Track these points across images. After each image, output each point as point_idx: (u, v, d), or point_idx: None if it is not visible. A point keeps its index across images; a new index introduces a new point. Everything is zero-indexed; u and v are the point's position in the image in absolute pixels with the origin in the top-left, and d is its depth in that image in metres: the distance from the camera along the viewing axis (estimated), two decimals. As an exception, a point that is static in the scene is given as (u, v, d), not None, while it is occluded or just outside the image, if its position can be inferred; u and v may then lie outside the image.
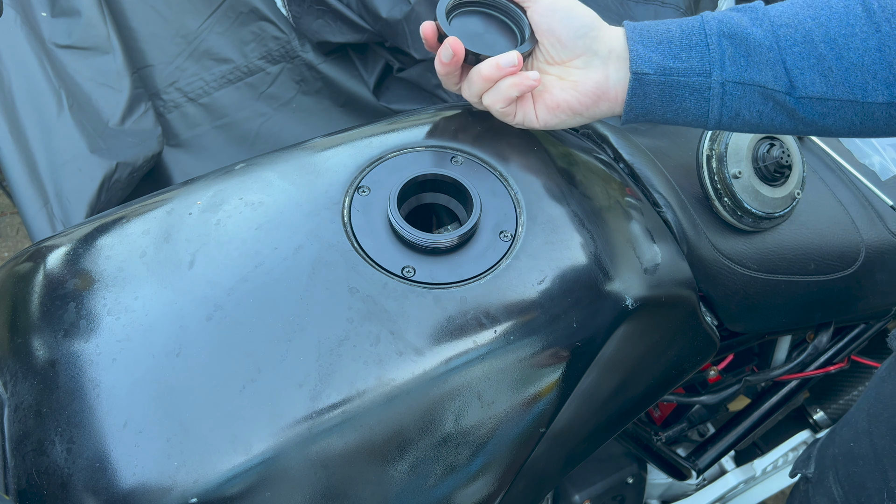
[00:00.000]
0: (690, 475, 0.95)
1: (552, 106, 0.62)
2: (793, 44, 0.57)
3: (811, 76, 0.57)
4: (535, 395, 0.57)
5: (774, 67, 0.57)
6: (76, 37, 1.24)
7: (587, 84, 0.61)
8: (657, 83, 0.59)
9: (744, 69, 0.58)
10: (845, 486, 0.68)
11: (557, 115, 0.62)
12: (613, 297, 0.60)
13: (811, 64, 0.57)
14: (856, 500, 0.66)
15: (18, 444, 0.50)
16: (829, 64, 0.56)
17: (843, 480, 0.68)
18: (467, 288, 0.56)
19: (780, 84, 0.58)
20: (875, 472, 0.64)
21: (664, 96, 0.59)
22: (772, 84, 0.58)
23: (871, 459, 0.65)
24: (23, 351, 0.53)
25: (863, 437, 0.66)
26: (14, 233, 1.91)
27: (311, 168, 0.62)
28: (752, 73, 0.58)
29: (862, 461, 0.66)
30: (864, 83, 0.56)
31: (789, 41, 0.57)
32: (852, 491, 0.67)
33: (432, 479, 0.54)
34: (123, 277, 0.55)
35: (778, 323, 0.80)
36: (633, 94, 0.59)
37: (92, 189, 1.12)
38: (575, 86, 0.61)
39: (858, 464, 0.67)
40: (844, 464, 0.69)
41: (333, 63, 1.41)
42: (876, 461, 0.64)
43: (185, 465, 0.47)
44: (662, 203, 0.71)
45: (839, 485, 0.69)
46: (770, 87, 0.58)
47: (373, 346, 0.52)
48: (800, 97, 0.57)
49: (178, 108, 1.34)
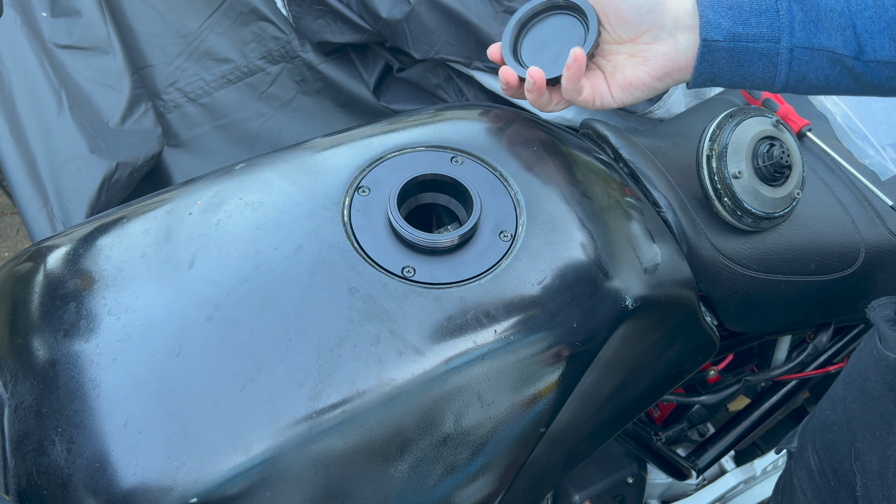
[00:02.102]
0: (690, 475, 0.95)
1: (625, 84, 0.64)
2: (864, 7, 0.57)
3: (881, 41, 0.57)
4: (536, 394, 0.57)
5: (845, 32, 0.58)
6: (76, 37, 1.24)
7: (658, 58, 0.62)
8: (726, 49, 0.60)
9: (813, 34, 0.58)
10: (821, 454, 0.69)
11: (632, 91, 0.64)
12: (613, 296, 0.60)
13: (881, 28, 0.57)
14: (829, 466, 0.67)
15: (18, 444, 0.50)
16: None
17: (820, 449, 0.69)
18: (467, 288, 0.56)
19: (849, 49, 0.58)
20: (846, 435, 0.65)
21: (732, 62, 0.60)
22: (841, 49, 0.58)
23: (843, 425, 0.65)
24: (23, 351, 0.53)
25: (838, 404, 0.67)
26: (14, 233, 1.91)
27: (311, 168, 0.62)
28: (821, 38, 0.58)
29: (836, 427, 0.67)
30: None
31: (860, 5, 0.57)
32: (826, 458, 0.68)
33: (432, 479, 0.54)
34: (123, 277, 0.55)
35: (778, 323, 0.80)
36: (702, 61, 0.60)
37: (92, 189, 1.12)
38: (646, 61, 0.62)
39: (833, 430, 0.67)
40: (821, 432, 0.70)
41: (333, 63, 1.41)
42: (847, 426, 0.65)
43: (186, 465, 0.47)
44: (662, 203, 0.71)
45: (816, 454, 0.70)
46: (839, 52, 0.58)
47: (373, 346, 0.52)
48: (868, 61, 0.58)
49: (178, 108, 1.34)
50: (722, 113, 0.73)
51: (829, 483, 0.67)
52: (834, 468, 0.66)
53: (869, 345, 0.64)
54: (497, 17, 1.16)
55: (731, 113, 0.73)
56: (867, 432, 0.62)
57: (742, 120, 0.72)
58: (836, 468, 0.66)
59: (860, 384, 0.64)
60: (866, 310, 0.64)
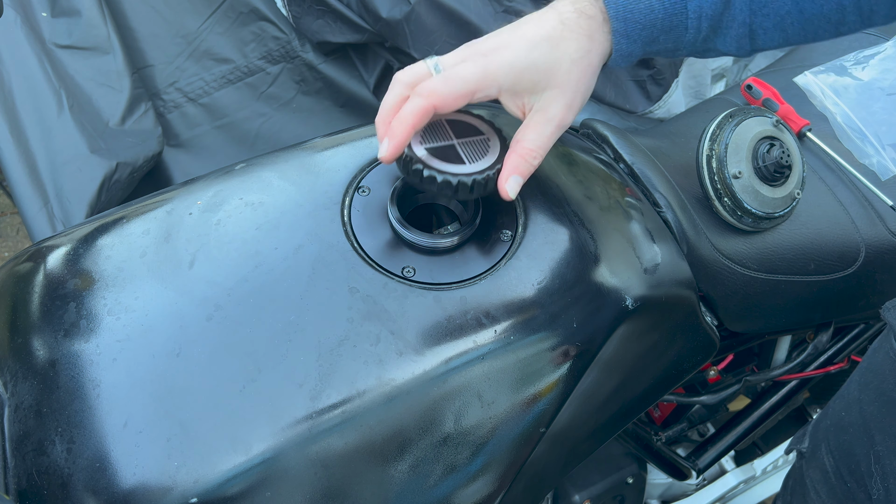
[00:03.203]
0: (690, 475, 0.95)
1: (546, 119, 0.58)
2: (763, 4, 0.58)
3: (774, 34, 0.59)
4: (536, 394, 0.57)
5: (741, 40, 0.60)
6: (76, 37, 1.24)
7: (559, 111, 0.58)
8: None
9: (710, 42, 0.60)
10: (836, 455, 0.68)
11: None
12: (613, 296, 0.60)
13: (776, 23, 0.59)
14: (846, 468, 0.67)
15: (18, 444, 0.50)
16: (791, 20, 0.58)
17: (835, 450, 0.69)
18: (467, 288, 0.56)
19: (742, 51, 0.61)
20: (863, 437, 0.64)
21: None
22: (734, 52, 0.61)
23: (860, 426, 0.65)
24: (23, 351, 0.53)
25: (853, 405, 0.67)
26: (14, 233, 1.91)
27: (311, 168, 0.62)
28: (716, 42, 0.60)
29: (852, 429, 0.66)
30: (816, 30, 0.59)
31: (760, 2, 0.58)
32: (842, 459, 0.67)
33: (432, 479, 0.54)
34: (123, 277, 0.55)
35: (778, 323, 0.80)
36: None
37: (92, 189, 1.12)
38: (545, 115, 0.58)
39: (848, 432, 0.67)
40: (836, 434, 0.69)
41: (333, 63, 1.41)
42: (864, 428, 0.64)
43: (186, 465, 0.47)
44: (662, 203, 0.71)
45: (830, 455, 0.69)
46: (732, 53, 0.61)
47: (373, 346, 0.52)
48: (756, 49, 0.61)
49: (178, 108, 1.34)
50: (722, 113, 0.73)
51: (845, 484, 0.67)
52: (851, 469, 0.66)
53: (884, 346, 0.64)
54: (497, 17, 1.16)
55: (731, 113, 0.73)
56: (887, 435, 0.61)
57: (742, 120, 0.72)
58: (852, 469, 0.65)
59: (877, 386, 0.64)
60: (881, 310, 0.63)
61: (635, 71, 1.18)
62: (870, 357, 0.67)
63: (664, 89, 1.17)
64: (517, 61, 0.55)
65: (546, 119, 0.57)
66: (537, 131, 0.57)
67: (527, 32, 0.56)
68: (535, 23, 0.56)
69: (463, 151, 0.57)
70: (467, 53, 0.56)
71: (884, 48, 0.92)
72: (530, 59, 0.55)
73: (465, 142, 0.58)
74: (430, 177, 0.54)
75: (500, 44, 0.55)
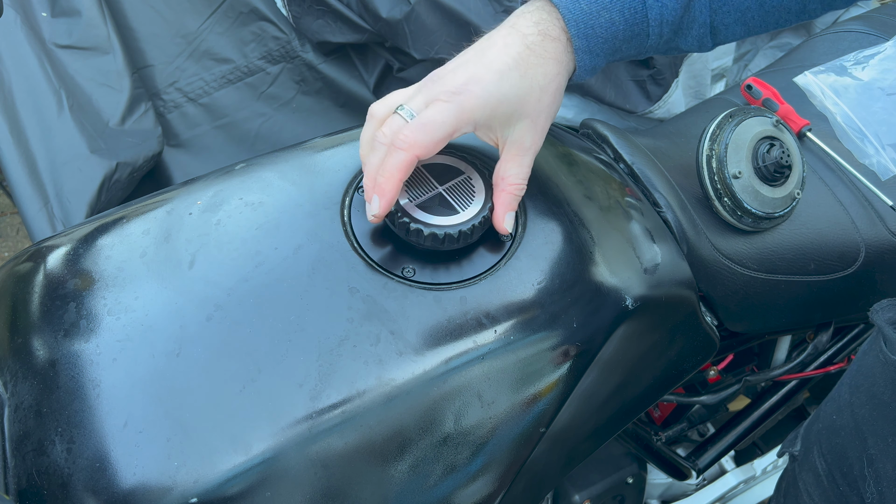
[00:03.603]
0: (690, 475, 0.95)
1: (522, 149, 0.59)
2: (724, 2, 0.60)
3: (735, 28, 0.61)
4: (535, 394, 0.57)
5: (702, 39, 0.61)
6: (76, 37, 1.24)
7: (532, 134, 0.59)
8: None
9: (671, 42, 0.61)
10: (828, 458, 0.68)
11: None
12: (613, 296, 0.60)
13: (737, 18, 0.60)
14: (839, 471, 0.67)
15: (18, 444, 0.50)
16: (752, 14, 0.60)
17: (827, 454, 0.69)
18: (467, 288, 0.56)
19: (704, 48, 0.62)
20: (856, 440, 0.64)
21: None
22: (695, 49, 0.62)
23: (852, 429, 0.65)
24: (23, 351, 0.53)
25: (845, 408, 0.67)
26: (14, 233, 1.91)
27: (310, 168, 0.62)
28: (678, 42, 0.61)
29: (843, 432, 0.66)
30: (778, 19, 0.60)
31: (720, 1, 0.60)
32: (835, 462, 0.67)
33: (432, 479, 0.54)
34: (123, 277, 0.55)
35: (778, 323, 0.80)
36: None
37: (92, 189, 1.12)
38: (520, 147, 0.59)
39: (840, 435, 0.67)
40: (828, 437, 0.69)
41: (333, 63, 1.41)
42: (856, 430, 0.64)
43: (186, 465, 0.47)
44: (662, 203, 0.71)
45: (823, 458, 0.69)
46: (692, 50, 0.62)
47: (373, 346, 0.52)
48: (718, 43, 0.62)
49: (178, 108, 1.34)
50: (722, 113, 0.73)
51: (838, 488, 0.67)
52: (843, 472, 0.66)
53: (874, 348, 0.64)
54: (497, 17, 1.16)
55: (731, 113, 0.73)
56: (879, 438, 0.61)
57: (742, 120, 0.72)
58: (845, 473, 0.65)
59: (868, 388, 0.64)
60: (868, 312, 0.63)
61: (635, 71, 1.18)
62: (860, 360, 0.67)
63: (664, 89, 1.17)
64: (490, 97, 0.55)
65: (523, 150, 0.58)
66: (517, 163, 0.58)
67: (493, 62, 0.55)
68: (499, 48, 0.56)
69: (451, 197, 0.59)
70: (436, 92, 0.55)
71: (884, 48, 0.92)
72: (501, 91, 0.55)
73: (450, 186, 0.60)
74: (417, 230, 0.56)
75: (468, 78, 0.55)
